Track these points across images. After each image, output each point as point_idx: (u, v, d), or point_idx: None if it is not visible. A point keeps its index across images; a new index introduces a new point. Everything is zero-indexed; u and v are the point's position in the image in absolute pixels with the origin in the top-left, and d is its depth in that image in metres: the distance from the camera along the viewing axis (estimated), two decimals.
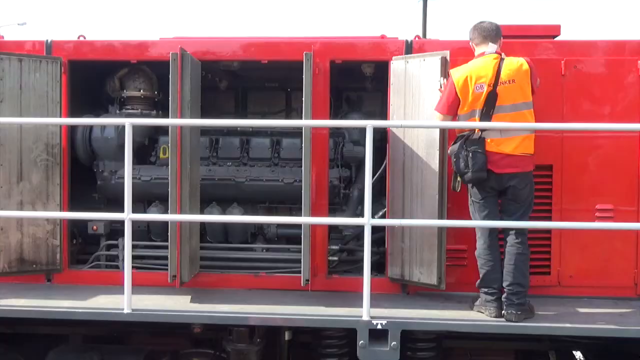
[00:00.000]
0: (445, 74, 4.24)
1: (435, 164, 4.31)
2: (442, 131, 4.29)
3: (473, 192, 4.17)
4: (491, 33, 4.16)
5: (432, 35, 17.14)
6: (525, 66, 4.04)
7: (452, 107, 4.09)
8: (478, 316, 4.11)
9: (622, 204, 4.47)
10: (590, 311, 4.27)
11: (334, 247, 4.88)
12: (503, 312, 4.04)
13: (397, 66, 4.57)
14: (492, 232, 4.14)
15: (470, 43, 4.27)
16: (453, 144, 4.14)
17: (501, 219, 4.15)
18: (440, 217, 4.29)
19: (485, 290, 4.10)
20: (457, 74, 4.09)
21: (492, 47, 4.13)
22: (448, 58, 4.27)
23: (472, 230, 4.29)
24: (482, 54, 4.14)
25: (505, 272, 4.08)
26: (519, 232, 4.13)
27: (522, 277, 4.08)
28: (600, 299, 4.36)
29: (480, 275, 4.14)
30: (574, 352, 5.06)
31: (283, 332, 4.58)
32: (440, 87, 4.23)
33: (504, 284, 4.07)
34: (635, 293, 4.54)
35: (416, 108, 4.43)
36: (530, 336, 4.47)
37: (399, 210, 4.55)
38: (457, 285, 4.53)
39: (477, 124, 4.04)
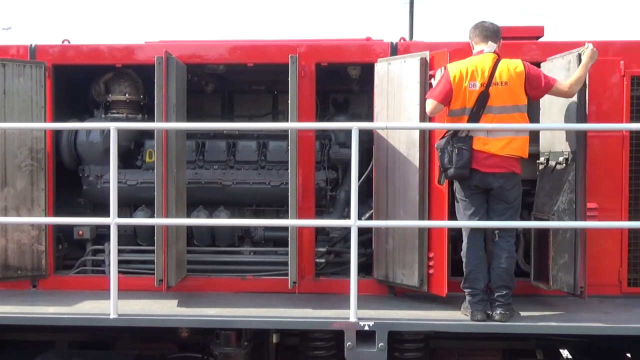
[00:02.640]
0: (425, 75, 4.25)
1: (415, 165, 4.32)
2: (422, 132, 4.29)
3: (458, 189, 4.18)
4: (492, 33, 4.18)
5: (418, 38, 17.22)
6: (520, 69, 4.02)
7: (446, 97, 4.05)
8: (464, 316, 4.12)
9: (607, 204, 4.50)
10: (576, 309, 4.30)
11: (321, 249, 4.89)
12: (490, 312, 4.05)
13: (381, 68, 4.59)
14: (477, 231, 4.15)
15: (470, 41, 4.28)
16: (441, 138, 4.14)
17: (490, 218, 4.16)
18: (421, 218, 4.30)
19: (469, 290, 4.11)
20: (454, 68, 4.08)
21: (491, 46, 4.15)
22: (428, 59, 4.28)
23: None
24: (481, 51, 4.15)
25: (495, 273, 4.09)
26: (509, 233, 4.15)
27: (510, 279, 4.10)
28: (587, 298, 4.37)
29: (464, 275, 4.15)
30: (560, 350, 5.08)
31: (271, 335, 4.59)
32: (431, 86, 4.24)
33: (493, 286, 4.08)
34: (620, 291, 4.58)
35: (398, 109, 4.45)
36: (517, 335, 4.49)
37: (383, 212, 4.57)
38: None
39: (461, 125, 4.05)
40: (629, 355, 4.91)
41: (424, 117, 4.27)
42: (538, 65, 4.31)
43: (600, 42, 4.50)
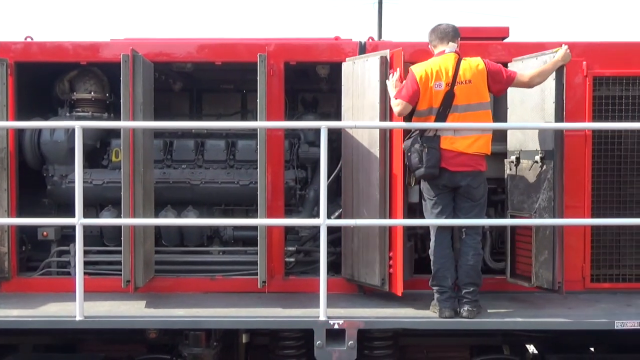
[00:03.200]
0: (385, 73, 4.27)
1: (376, 164, 4.34)
2: (383, 131, 4.31)
3: (426, 189, 4.22)
4: (449, 34, 4.23)
5: (387, 37, 17.30)
6: (482, 66, 4.10)
7: (413, 97, 4.08)
8: (433, 314, 4.17)
9: (572, 201, 4.59)
10: (540, 305, 4.38)
11: (290, 248, 4.88)
12: (458, 309, 4.10)
13: (347, 67, 4.61)
14: (444, 229, 4.20)
15: (429, 46, 4.32)
16: (407, 139, 4.18)
17: (457, 216, 4.21)
18: (382, 216, 4.31)
19: (437, 288, 4.15)
20: (418, 69, 4.12)
21: (452, 46, 4.20)
22: (388, 58, 4.29)
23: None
24: (442, 52, 4.20)
25: (462, 271, 4.14)
26: (475, 231, 4.21)
27: (477, 276, 4.16)
28: (551, 293, 4.46)
29: (432, 273, 4.19)
30: (527, 345, 5.17)
31: (240, 335, 4.57)
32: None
33: (460, 283, 4.14)
34: (583, 286, 4.69)
35: (361, 108, 4.47)
36: (484, 331, 4.56)
37: (349, 211, 4.59)
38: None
39: (427, 124, 4.10)
40: (592, 349, 5.04)
41: (384, 115, 4.29)
42: (505, 65, 4.38)
43: (558, 45, 4.60)
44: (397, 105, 4.11)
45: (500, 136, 4.64)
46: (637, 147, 4.70)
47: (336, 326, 3.97)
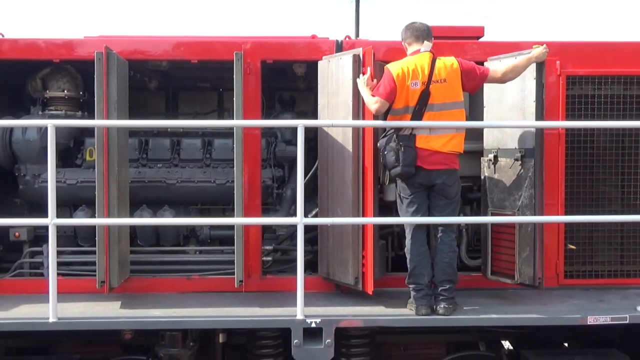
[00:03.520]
0: (358, 71, 4.26)
1: (349, 163, 4.33)
2: (356, 130, 4.30)
3: (402, 187, 4.24)
4: (425, 32, 4.25)
5: (365, 36, 17.34)
6: (456, 65, 4.13)
7: (390, 94, 4.07)
8: (409, 311, 4.19)
9: (547, 198, 4.64)
10: (515, 302, 4.44)
11: (267, 247, 4.86)
12: (434, 306, 4.13)
13: (322, 66, 4.62)
14: (420, 227, 4.22)
15: (402, 43, 4.33)
16: (382, 137, 4.19)
17: (432, 214, 4.24)
18: (355, 215, 4.30)
19: (413, 286, 4.18)
20: (394, 67, 4.13)
21: (427, 45, 4.22)
22: (361, 56, 4.29)
23: None
24: (417, 51, 4.21)
25: (438, 268, 4.17)
26: (451, 228, 4.25)
27: (453, 273, 4.20)
28: (526, 289, 4.52)
29: (409, 271, 4.22)
30: (502, 341, 5.23)
31: (217, 335, 4.54)
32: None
33: (436, 280, 4.16)
34: (557, 282, 4.75)
35: (336, 106, 4.47)
36: (460, 328, 4.60)
37: (325, 209, 4.59)
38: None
39: (404, 123, 4.11)
40: (566, 345, 5.11)
41: (357, 114, 4.29)
42: (481, 64, 4.42)
43: (538, 43, 4.65)
44: (374, 102, 4.09)
45: (474, 135, 4.68)
46: (609, 146, 4.79)
47: (313, 325, 3.97)
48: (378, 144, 4.19)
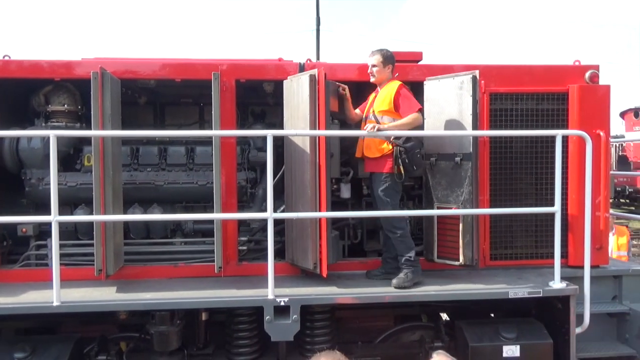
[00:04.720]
0: (314, 89, 4.29)
1: (307, 166, 4.37)
2: (313, 139, 4.33)
3: (395, 186, 4.42)
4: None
5: (324, 59, 17.42)
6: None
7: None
8: (362, 290, 4.27)
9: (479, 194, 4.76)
10: (450, 280, 4.56)
11: (243, 238, 4.89)
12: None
13: (287, 84, 4.65)
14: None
15: (385, 68, 4.50)
16: (405, 142, 4.31)
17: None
18: (314, 210, 4.32)
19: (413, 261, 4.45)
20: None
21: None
22: (317, 76, 4.31)
23: None
24: (395, 74, 4.51)
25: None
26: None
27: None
28: (461, 270, 4.65)
29: (409, 250, 4.41)
30: (440, 314, 5.35)
31: (200, 314, 4.54)
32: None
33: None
34: (484, 264, 4.89)
35: (297, 118, 4.51)
36: (405, 303, 4.70)
37: (290, 206, 4.64)
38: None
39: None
40: (492, 315, 5.26)
41: (314, 125, 4.30)
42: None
43: (469, 65, 4.80)
44: (418, 114, 4.34)
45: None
46: (525, 150, 4.95)
47: (282, 303, 4.02)
48: (408, 146, 4.30)
